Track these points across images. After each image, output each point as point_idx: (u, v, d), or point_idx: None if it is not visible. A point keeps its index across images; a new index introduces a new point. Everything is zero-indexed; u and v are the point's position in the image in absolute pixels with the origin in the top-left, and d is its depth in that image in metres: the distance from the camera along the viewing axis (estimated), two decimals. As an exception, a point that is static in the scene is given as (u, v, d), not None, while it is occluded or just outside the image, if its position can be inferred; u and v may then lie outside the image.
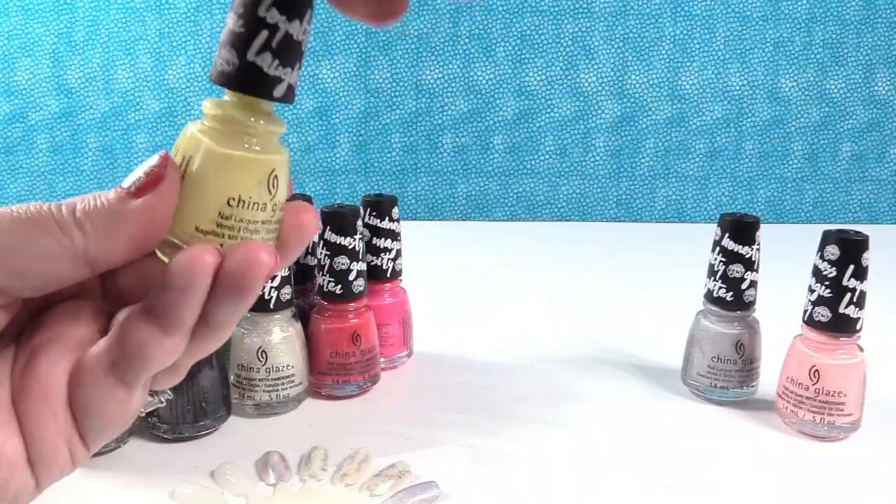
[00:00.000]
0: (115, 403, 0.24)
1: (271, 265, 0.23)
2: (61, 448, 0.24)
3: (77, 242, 0.22)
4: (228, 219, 0.23)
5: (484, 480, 0.47)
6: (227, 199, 0.23)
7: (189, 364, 0.26)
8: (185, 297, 0.22)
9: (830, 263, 0.49)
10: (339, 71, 1.23)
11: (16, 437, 0.23)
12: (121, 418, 0.24)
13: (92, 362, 0.24)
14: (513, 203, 1.28)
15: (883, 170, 1.28)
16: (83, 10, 1.19)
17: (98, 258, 0.23)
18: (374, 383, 0.59)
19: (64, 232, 0.22)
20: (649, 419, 0.55)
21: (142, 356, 0.23)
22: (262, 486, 0.46)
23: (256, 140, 0.24)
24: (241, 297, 0.23)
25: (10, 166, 1.24)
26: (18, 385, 0.24)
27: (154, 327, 0.23)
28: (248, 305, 0.23)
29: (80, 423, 0.24)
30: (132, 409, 0.24)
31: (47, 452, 0.24)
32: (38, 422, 0.23)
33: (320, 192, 1.26)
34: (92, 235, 0.23)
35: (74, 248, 0.22)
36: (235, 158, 0.23)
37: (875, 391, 0.54)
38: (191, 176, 0.23)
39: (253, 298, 0.23)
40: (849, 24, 1.22)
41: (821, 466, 0.49)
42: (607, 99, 1.25)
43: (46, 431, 0.23)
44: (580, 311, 0.78)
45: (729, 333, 0.56)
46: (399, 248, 0.62)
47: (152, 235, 0.23)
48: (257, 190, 0.24)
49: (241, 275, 0.22)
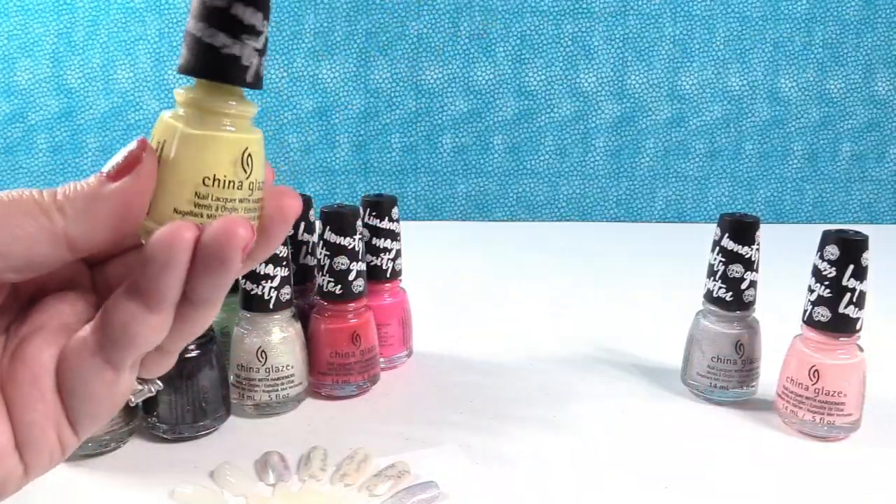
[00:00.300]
0: (103, 385, 0.24)
1: (247, 238, 0.23)
2: (49, 433, 0.24)
3: (57, 224, 0.23)
4: (205, 198, 0.24)
5: (483, 480, 0.47)
6: (203, 178, 0.24)
7: (178, 348, 0.26)
8: (166, 271, 0.23)
9: (830, 263, 0.49)
10: (339, 71, 1.23)
11: (3, 422, 0.24)
12: (109, 401, 0.25)
13: (78, 344, 0.24)
14: (513, 203, 1.28)
15: (883, 170, 1.28)
16: (83, 10, 1.19)
17: (78, 240, 0.23)
18: (374, 383, 0.59)
19: (44, 214, 0.23)
20: (649, 419, 0.55)
21: (126, 334, 0.23)
22: (261, 486, 0.46)
23: (229, 121, 0.25)
24: (220, 271, 0.23)
25: (10, 166, 1.24)
26: (6, 371, 0.24)
27: (137, 305, 0.23)
28: (228, 280, 0.24)
29: (68, 406, 0.24)
30: (120, 391, 0.25)
31: (35, 437, 0.24)
32: (26, 406, 0.24)
33: (320, 192, 1.26)
34: (72, 217, 0.23)
35: (54, 229, 0.23)
36: (207, 138, 0.24)
37: (875, 391, 0.54)
38: (166, 160, 0.24)
39: (232, 273, 0.23)
40: (849, 24, 1.22)
41: (821, 466, 0.49)
42: (607, 99, 1.24)
43: (34, 415, 0.24)
44: (580, 311, 0.78)
45: (729, 333, 0.56)
46: (399, 249, 0.62)
47: (131, 217, 0.24)
48: (232, 168, 0.24)
49: (218, 247, 0.23)
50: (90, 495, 0.45)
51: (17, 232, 0.23)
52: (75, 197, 0.23)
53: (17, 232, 0.23)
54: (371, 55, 1.22)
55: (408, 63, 1.23)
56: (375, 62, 1.23)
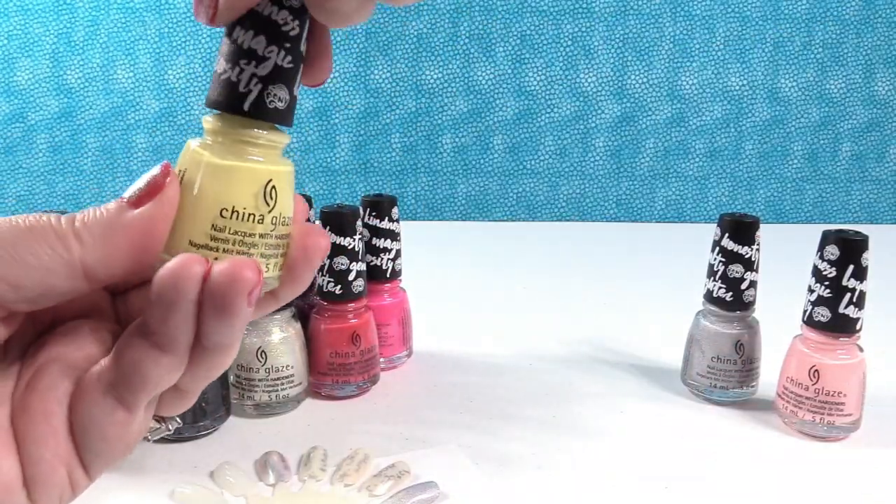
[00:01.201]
0: (115, 425, 0.23)
1: (254, 282, 0.21)
2: (59, 470, 0.23)
3: (74, 252, 0.22)
4: (222, 231, 0.23)
5: (483, 480, 0.47)
6: (220, 209, 0.23)
7: (196, 389, 0.25)
8: (173, 310, 0.21)
9: (830, 263, 0.49)
10: (339, 71, 1.23)
11: (12, 457, 0.23)
12: (121, 442, 0.23)
13: (92, 381, 0.23)
14: (513, 203, 1.28)
15: (883, 170, 1.28)
16: (83, 10, 1.19)
17: (96, 269, 0.22)
18: (374, 383, 0.59)
19: (61, 241, 0.22)
20: (649, 419, 0.55)
21: (138, 375, 0.22)
22: (261, 486, 0.46)
23: (258, 151, 0.23)
24: (224, 316, 0.22)
25: (10, 166, 1.24)
26: (20, 404, 0.23)
27: (149, 344, 0.22)
28: (237, 326, 0.22)
29: (80, 445, 0.23)
30: (134, 432, 0.24)
31: (44, 474, 0.23)
32: (37, 442, 0.23)
33: (320, 192, 1.26)
34: (89, 245, 0.22)
35: (71, 258, 0.22)
36: (228, 168, 0.23)
37: (875, 391, 0.54)
38: (187, 189, 0.23)
39: (239, 318, 0.22)
40: (849, 24, 1.22)
41: (821, 466, 0.49)
42: (607, 99, 1.25)
43: (45, 452, 0.23)
44: (580, 311, 0.78)
45: (729, 333, 0.56)
46: (399, 249, 0.62)
47: (150, 246, 0.23)
48: (254, 201, 0.23)
49: (222, 291, 0.21)
50: (90, 495, 0.45)
51: (31, 261, 0.21)
52: (93, 224, 0.22)
53: (31, 261, 0.21)
54: (371, 55, 1.22)
55: (408, 63, 1.23)
56: (375, 62, 1.23)
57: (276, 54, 0.23)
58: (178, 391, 0.24)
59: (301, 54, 0.24)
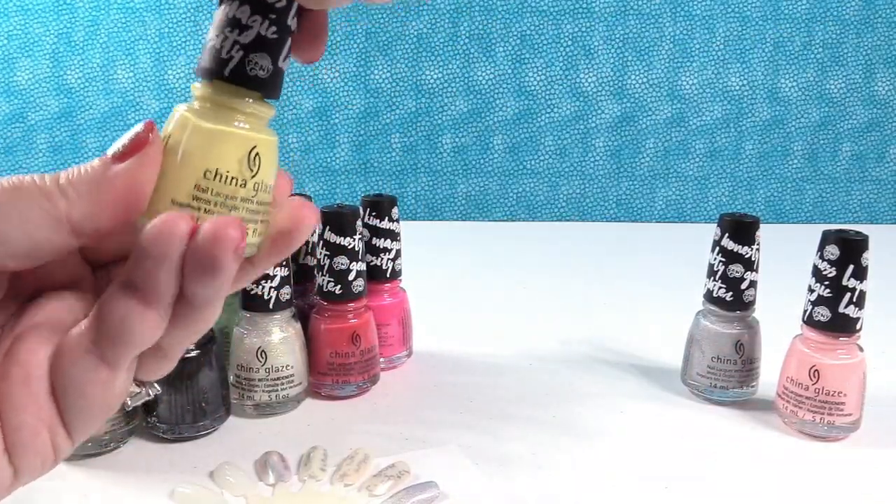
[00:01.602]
0: (98, 384, 0.23)
1: (237, 239, 0.22)
2: (42, 435, 0.23)
3: (59, 207, 0.22)
4: (205, 192, 0.24)
5: (483, 480, 0.47)
6: (204, 171, 0.23)
7: (177, 351, 0.25)
8: (160, 264, 0.22)
9: (830, 263, 0.49)
10: (339, 71, 1.23)
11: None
12: (103, 402, 0.24)
13: (73, 341, 0.23)
14: (512, 203, 1.28)
15: (883, 170, 1.28)
16: (83, 10, 1.19)
17: (82, 224, 0.23)
18: (374, 383, 0.59)
19: (46, 198, 0.22)
20: (649, 419, 0.55)
21: (122, 330, 0.23)
22: (261, 486, 0.46)
23: (244, 118, 0.24)
24: (210, 273, 0.22)
25: (10, 166, 1.24)
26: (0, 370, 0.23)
27: (133, 299, 0.22)
28: (223, 283, 0.23)
29: (61, 407, 0.24)
30: (116, 392, 0.24)
31: (26, 438, 0.23)
32: (18, 407, 0.23)
33: (320, 192, 1.26)
34: (75, 200, 0.22)
35: (57, 213, 0.22)
36: (216, 132, 0.24)
37: (875, 391, 0.54)
38: (173, 150, 0.24)
39: (224, 273, 0.23)
40: (849, 24, 1.22)
41: (821, 466, 0.49)
42: (607, 99, 1.24)
43: (26, 416, 0.23)
44: (580, 311, 0.78)
45: (729, 333, 0.56)
46: (399, 249, 0.62)
47: (135, 200, 0.23)
48: (237, 166, 0.24)
49: (208, 248, 0.22)
50: (90, 495, 0.45)
51: (18, 216, 0.22)
52: (78, 180, 0.23)
53: (18, 216, 0.22)
54: (371, 55, 1.22)
55: (408, 63, 1.23)
56: (375, 62, 1.23)
57: (258, 24, 0.24)
58: (158, 353, 0.25)
59: (288, 28, 0.24)
